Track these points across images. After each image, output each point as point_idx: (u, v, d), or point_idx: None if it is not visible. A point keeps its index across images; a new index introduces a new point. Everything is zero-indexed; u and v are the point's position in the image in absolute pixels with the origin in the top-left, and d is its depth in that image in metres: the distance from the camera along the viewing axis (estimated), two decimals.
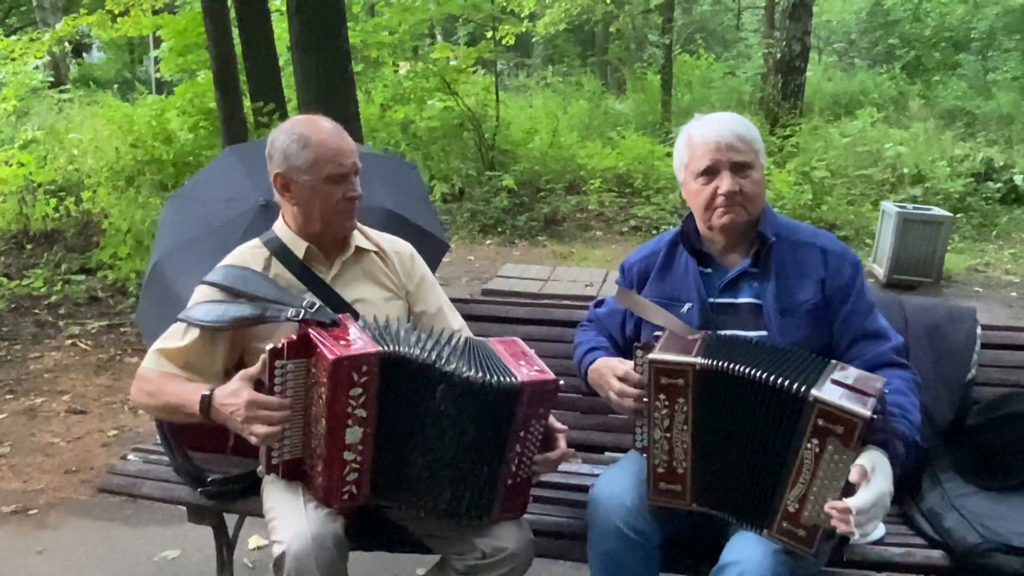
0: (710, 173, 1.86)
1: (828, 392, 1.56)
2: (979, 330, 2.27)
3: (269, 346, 1.66)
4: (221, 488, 2.07)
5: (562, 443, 1.84)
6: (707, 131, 1.88)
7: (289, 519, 1.73)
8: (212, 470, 2.12)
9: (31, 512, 3.15)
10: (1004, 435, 2.06)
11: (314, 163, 1.87)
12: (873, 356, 1.82)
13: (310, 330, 1.69)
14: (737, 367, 1.65)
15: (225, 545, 2.32)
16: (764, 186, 1.91)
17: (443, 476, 1.76)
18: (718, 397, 1.68)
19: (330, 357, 1.61)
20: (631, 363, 1.85)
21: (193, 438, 2.24)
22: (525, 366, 1.77)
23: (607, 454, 2.42)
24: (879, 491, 1.52)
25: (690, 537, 1.88)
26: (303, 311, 1.76)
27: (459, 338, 1.85)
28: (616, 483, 1.83)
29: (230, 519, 2.34)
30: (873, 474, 1.53)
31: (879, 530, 1.93)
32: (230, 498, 2.09)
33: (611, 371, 1.88)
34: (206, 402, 1.72)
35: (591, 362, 1.98)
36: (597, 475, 2.22)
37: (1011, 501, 1.96)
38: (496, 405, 1.71)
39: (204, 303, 1.88)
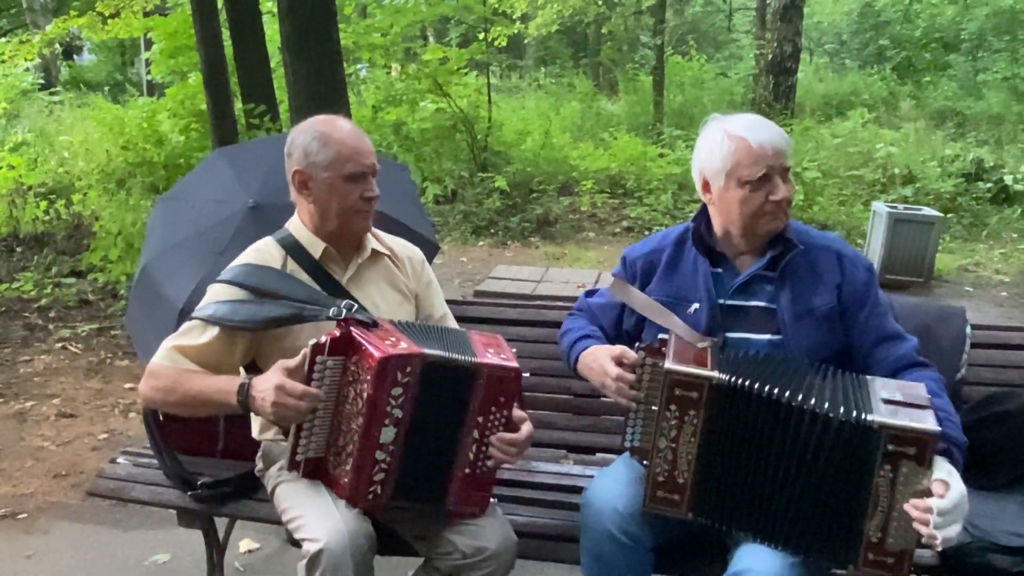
0: (765, 181, 1.80)
1: (889, 414, 1.53)
2: (969, 329, 2.28)
3: (312, 341, 1.67)
4: (211, 491, 2.07)
5: (525, 430, 1.84)
6: (757, 135, 1.80)
7: (321, 517, 1.73)
8: (202, 473, 2.12)
9: (20, 516, 3.13)
10: (993, 434, 2.06)
11: (334, 160, 1.87)
12: (898, 357, 1.81)
13: (352, 329, 1.70)
14: (765, 388, 1.61)
15: (215, 549, 2.31)
16: None
17: (436, 466, 1.79)
18: (736, 415, 1.65)
19: (377, 355, 1.63)
20: (632, 357, 1.82)
21: (183, 441, 2.23)
22: (493, 353, 1.79)
23: (599, 455, 2.41)
24: (959, 493, 1.50)
25: (685, 541, 1.87)
26: (344, 310, 1.77)
27: (449, 327, 1.89)
28: (609, 487, 1.82)
29: (220, 523, 2.33)
30: (951, 479, 1.51)
31: None
32: (220, 501, 2.09)
33: (607, 353, 1.84)
34: (244, 391, 1.70)
35: (584, 349, 1.94)
36: (589, 476, 2.22)
37: (1000, 500, 1.97)
38: (456, 383, 1.74)
39: (227, 302, 1.85)
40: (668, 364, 1.68)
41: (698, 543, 1.86)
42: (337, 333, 1.69)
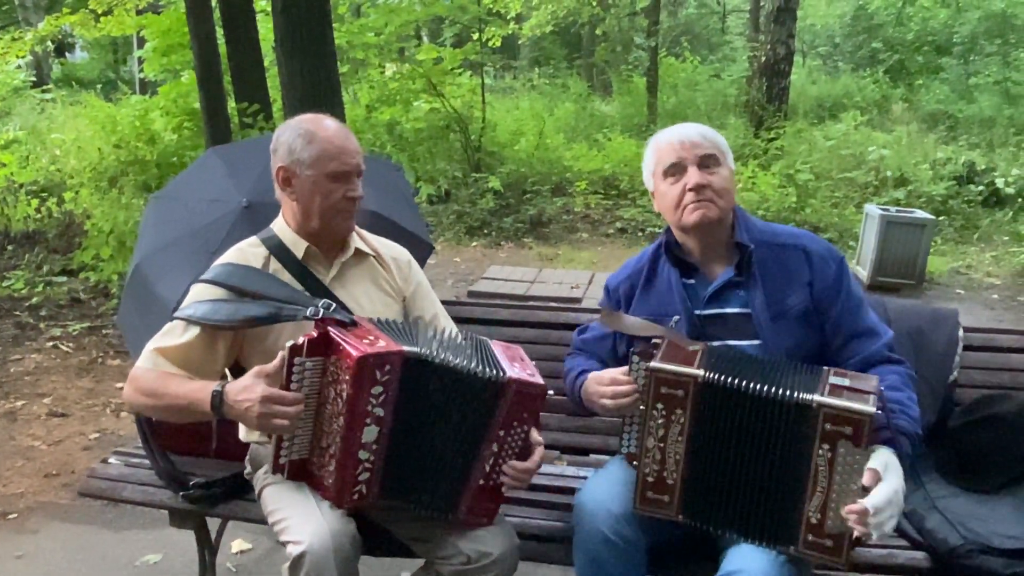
0: (677, 170, 1.87)
1: (830, 396, 1.58)
2: (961, 332, 2.29)
3: (289, 343, 1.65)
4: (203, 491, 2.06)
5: (536, 456, 1.83)
6: (670, 133, 1.93)
7: (304, 519, 1.72)
8: (194, 473, 2.11)
9: (11, 516, 3.11)
10: (985, 437, 2.07)
11: (318, 158, 1.86)
12: (869, 354, 1.82)
13: (330, 329, 1.69)
14: (740, 382, 1.64)
15: (207, 549, 2.30)
16: (734, 186, 1.91)
17: (433, 469, 1.77)
18: (718, 411, 1.67)
19: (355, 355, 1.61)
20: (623, 368, 1.84)
21: (175, 441, 2.23)
22: (519, 367, 1.78)
23: (592, 456, 2.41)
24: (892, 489, 1.54)
25: (678, 542, 1.88)
26: (321, 310, 1.75)
27: (463, 334, 1.87)
28: (602, 488, 1.82)
29: (212, 523, 2.31)
30: (886, 473, 1.56)
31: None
32: (212, 501, 2.08)
33: (595, 381, 1.87)
34: (218, 398, 1.68)
35: (583, 383, 1.95)
36: (583, 477, 2.22)
37: (992, 502, 1.98)
38: (480, 395, 1.72)
39: (208, 301, 1.84)
40: (654, 363, 1.70)
41: (691, 544, 1.87)
42: (315, 334, 1.68)
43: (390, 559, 2.02)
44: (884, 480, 1.54)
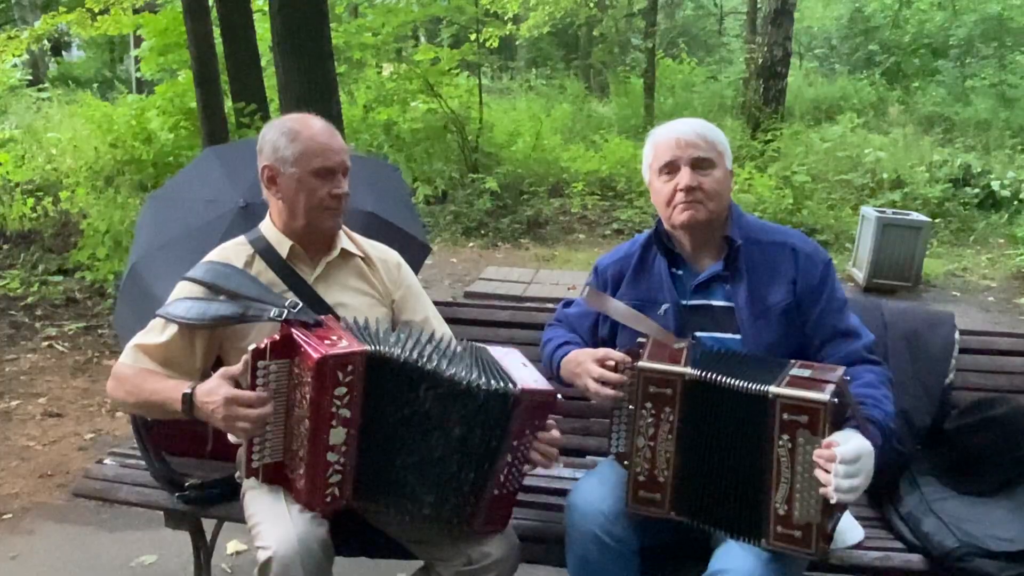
0: (671, 169, 1.88)
1: (787, 386, 1.60)
2: (957, 335, 2.29)
3: (252, 346, 1.64)
4: (199, 493, 2.06)
5: (555, 432, 1.81)
6: (669, 130, 1.93)
7: (273, 524, 1.71)
8: (190, 474, 2.10)
9: (5, 517, 3.10)
10: (982, 439, 2.08)
11: (301, 156, 1.86)
12: (846, 354, 1.83)
13: (293, 330, 1.67)
14: (723, 378, 1.66)
15: (203, 550, 2.30)
16: (728, 187, 1.92)
17: (428, 479, 1.75)
18: (703, 408, 1.69)
19: (315, 356, 1.60)
20: (611, 350, 1.84)
21: (170, 441, 2.22)
22: (527, 375, 1.76)
23: (589, 458, 2.41)
24: (862, 445, 1.56)
25: (670, 543, 1.88)
26: (286, 311, 1.74)
27: (462, 342, 1.84)
28: (593, 489, 1.83)
29: (208, 524, 2.31)
30: (848, 442, 1.55)
31: (858, 533, 1.94)
32: (208, 503, 2.07)
33: (590, 356, 1.84)
34: (188, 400, 1.69)
35: (565, 355, 1.96)
36: (578, 479, 2.22)
37: (988, 505, 1.98)
38: (490, 409, 1.70)
39: (184, 299, 1.86)
40: (641, 363, 1.72)
41: (683, 544, 1.87)
42: (277, 336, 1.67)
43: (386, 561, 2.01)
44: (850, 440, 1.55)
